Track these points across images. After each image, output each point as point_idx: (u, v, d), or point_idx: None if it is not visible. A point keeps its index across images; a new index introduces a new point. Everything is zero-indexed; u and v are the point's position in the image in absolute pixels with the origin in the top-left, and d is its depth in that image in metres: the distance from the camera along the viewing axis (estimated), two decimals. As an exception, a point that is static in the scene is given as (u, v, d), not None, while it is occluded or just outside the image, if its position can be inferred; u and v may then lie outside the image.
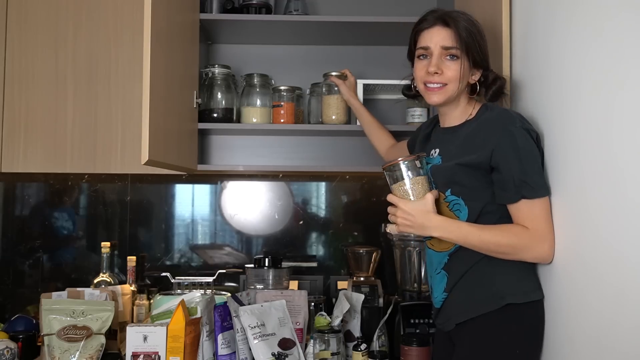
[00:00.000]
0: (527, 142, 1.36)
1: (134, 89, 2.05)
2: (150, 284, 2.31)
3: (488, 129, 1.40)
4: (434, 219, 1.37)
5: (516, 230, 1.35)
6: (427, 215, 1.37)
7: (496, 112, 1.43)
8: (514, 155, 1.34)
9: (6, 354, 1.78)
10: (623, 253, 1.07)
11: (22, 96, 2.07)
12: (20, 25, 2.08)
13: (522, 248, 1.34)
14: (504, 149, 1.35)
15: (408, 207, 1.38)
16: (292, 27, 2.17)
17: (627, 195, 1.06)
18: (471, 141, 1.43)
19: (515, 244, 1.34)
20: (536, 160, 1.36)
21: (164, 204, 2.40)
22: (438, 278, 1.49)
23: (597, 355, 1.16)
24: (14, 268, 2.34)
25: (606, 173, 1.13)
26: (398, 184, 1.42)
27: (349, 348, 1.88)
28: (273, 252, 2.35)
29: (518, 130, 1.36)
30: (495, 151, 1.36)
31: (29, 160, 2.06)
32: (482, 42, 1.47)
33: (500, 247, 1.35)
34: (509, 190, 1.35)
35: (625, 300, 1.07)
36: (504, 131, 1.36)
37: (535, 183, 1.34)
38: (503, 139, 1.36)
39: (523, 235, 1.34)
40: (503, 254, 1.37)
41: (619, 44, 1.09)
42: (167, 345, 1.72)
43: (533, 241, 1.34)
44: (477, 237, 1.36)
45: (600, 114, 1.15)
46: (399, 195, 1.41)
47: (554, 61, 1.37)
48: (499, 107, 1.47)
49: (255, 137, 2.35)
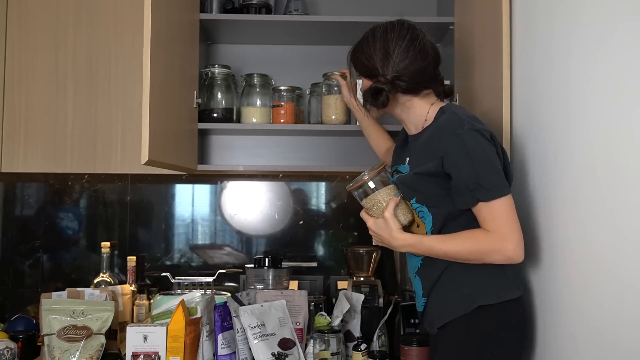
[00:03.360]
0: (478, 143, 1.34)
1: (134, 89, 2.05)
2: (150, 284, 2.31)
3: (439, 136, 1.40)
4: (398, 237, 1.41)
5: (477, 235, 1.34)
6: (390, 233, 1.41)
7: (446, 117, 1.42)
8: (464, 159, 1.33)
9: (6, 354, 1.78)
10: (624, 252, 1.07)
11: (22, 96, 2.07)
12: (20, 25, 2.08)
13: (487, 252, 1.33)
14: (453, 154, 1.34)
15: (373, 227, 1.44)
16: (292, 27, 2.17)
17: (629, 195, 1.06)
18: (427, 148, 1.43)
19: (478, 249, 1.34)
20: (489, 160, 1.34)
21: (164, 204, 2.40)
22: (415, 282, 1.52)
23: (598, 354, 1.16)
24: (14, 268, 2.34)
25: (609, 172, 1.13)
26: (365, 200, 1.47)
27: (349, 348, 1.88)
28: (273, 252, 2.35)
29: (467, 132, 1.34)
30: (446, 157, 1.35)
31: (29, 160, 2.06)
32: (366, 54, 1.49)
33: (465, 254, 1.36)
34: (464, 194, 1.35)
35: (626, 297, 1.07)
36: (452, 136, 1.36)
37: (490, 184, 1.32)
38: (451, 144, 1.35)
39: (484, 239, 1.33)
40: (471, 260, 1.37)
41: (620, 44, 1.09)
42: (167, 345, 1.72)
43: (496, 243, 1.32)
44: (439, 249, 1.38)
45: (602, 113, 1.15)
46: (368, 212, 1.46)
47: (554, 61, 1.37)
48: (452, 109, 1.45)
49: (255, 137, 2.35)
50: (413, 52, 1.44)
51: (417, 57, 1.45)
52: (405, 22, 1.49)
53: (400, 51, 1.44)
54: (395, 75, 1.44)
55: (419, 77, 1.46)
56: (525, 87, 1.54)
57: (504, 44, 1.60)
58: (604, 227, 1.14)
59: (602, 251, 1.14)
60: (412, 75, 1.45)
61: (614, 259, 1.10)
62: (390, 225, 1.41)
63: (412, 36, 1.46)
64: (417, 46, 1.45)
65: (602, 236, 1.14)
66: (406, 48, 1.44)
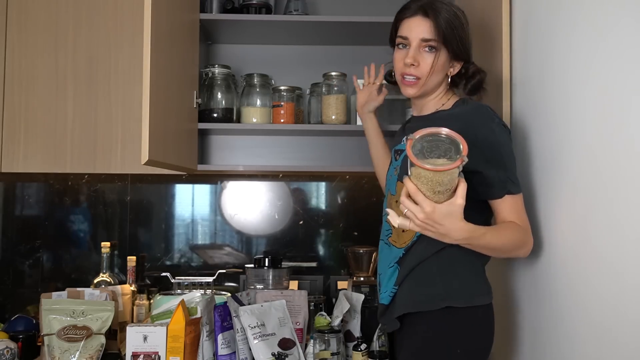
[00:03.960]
0: (507, 138, 1.37)
1: (134, 89, 2.05)
2: (150, 284, 2.31)
3: (466, 123, 1.36)
4: (465, 227, 1.22)
5: (517, 227, 1.34)
6: (457, 224, 1.20)
7: (473, 107, 1.42)
8: (498, 152, 1.35)
9: (6, 354, 1.78)
10: (625, 249, 1.07)
11: (22, 96, 2.07)
12: (20, 26, 2.08)
13: (522, 244, 1.35)
14: (487, 146, 1.34)
15: (435, 214, 1.18)
16: (292, 27, 2.17)
17: (629, 192, 1.06)
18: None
19: (519, 240, 1.34)
20: (513, 157, 1.39)
21: (164, 204, 2.40)
22: (389, 272, 1.46)
23: (599, 352, 1.16)
24: (14, 268, 2.34)
25: (609, 170, 1.13)
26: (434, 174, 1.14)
27: (349, 348, 1.88)
28: (273, 252, 2.35)
29: (498, 126, 1.36)
30: (475, 148, 1.29)
31: (29, 160, 2.06)
32: (463, 34, 1.45)
33: (512, 245, 1.34)
34: (495, 186, 1.35)
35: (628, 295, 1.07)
36: (484, 127, 1.36)
37: (516, 179, 1.36)
38: (486, 135, 1.35)
39: (522, 231, 1.34)
40: (506, 253, 1.37)
41: (619, 43, 1.09)
42: (167, 345, 1.72)
43: (527, 235, 1.35)
44: (497, 241, 1.31)
45: (601, 112, 1.15)
46: (425, 189, 1.17)
47: (554, 61, 1.37)
48: (475, 101, 1.46)
49: (255, 137, 2.35)
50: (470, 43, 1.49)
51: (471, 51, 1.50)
52: None
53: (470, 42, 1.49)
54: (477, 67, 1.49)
55: None
56: (525, 87, 1.54)
57: (504, 43, 1.60)
58: (605, 225, 1.14)
59: (603, 248, 1.14)
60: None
61: (615, 256, 1.10)
62: (460, 214, 1.19)
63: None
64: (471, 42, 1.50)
65: (602, 233, 1.14)
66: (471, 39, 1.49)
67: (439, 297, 1.37)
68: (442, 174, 1.13)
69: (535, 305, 1.48)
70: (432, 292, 1.38)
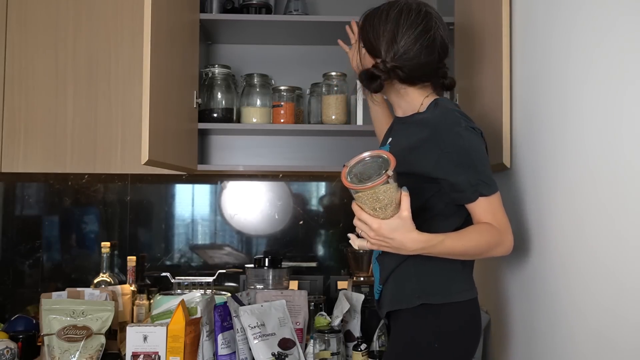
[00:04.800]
0: (477, 141, 1.35)
1: (134, 89, 2.05)
2: (150, 284, 2.31)
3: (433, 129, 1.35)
4: (419, 238, 1.24)
5: (487, 229, 1.31)
6: (408, 235, 1.24)
7: (440, 112, 1.39)
8: (466, 157, 1.32)
9: (6, 354, 1.78)
10: (623, 251, 1.07)
11: (22, 96, 2.07)
12: (20, 25, 2.08)
13: (495, 244, 1.31)
14: (453, 152, 1.32)
15: (384, 230, 1.23)
16: (292, 27, 2.17)
17: (628, 194, 1.06)
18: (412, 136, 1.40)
19: (491, 241, 1.31)
20: (486, 157, 1.36)
21: (164, 204, 2.40)
22: (374, 267, 1.51)
23: (598, 354, 1.16)
24: (14, 268, 2.34)
25: (608, 171, 1.13)
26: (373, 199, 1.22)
27: (349, 348, 1.88)
28: (273, 252, 2.35)
29: (465, 130, 1.33)
30: (443, 155, 1.32)
31: (29, 160, 2.06)
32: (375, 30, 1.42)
33: (481, 248, 1.32)
34: (466, 190, 1.32)
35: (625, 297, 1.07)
36: (450, 132, 1.33)
37: (489, 179, 1.33)
38: (452, 140, 1.33)
39: (494, 231, 1.31)
40: (481, 256, 1.35)
41: (619, 43, 1.09)
42: (167, 345, 1.72)
43: (502, 235, 1.31)
44: (461, 246, 1.29)
45: (602, 113, 1.15)
46: (368, 208, 1.24)
47: (554, 61, 1.37)
48: (445, 105, 1.41)
49: (255, 137, 2.35)
50: (420, 45, 1.39)
51: (423, 51, 1.39)
52: (423, 10, 1.42)
53: (407, 41, 1.39)
54: (395, 65, 1.40)
55: (419, 70, 1.42)
56: (525, 87, 1.54)
57: (504, 44, 1.60)
58: (603, 226, 1.14)
59: (601, 250, 1.14)
60: (412, 68, 1.40)
61: (612, 258, 1.10)
62: (409, 225, 1.23)
63: (425, 28, 1.40)
64: (426, 40, 1.39)
65: (600, 235, 1.14)
66: (414, 39, 1.39)
67: (414, 295, 1.38)
68: (376, 191, 1.20)
69: (530, 308, 1.48)
70: (409, 291, 1.40)
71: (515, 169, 1.59)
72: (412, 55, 1.39)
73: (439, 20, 1.44)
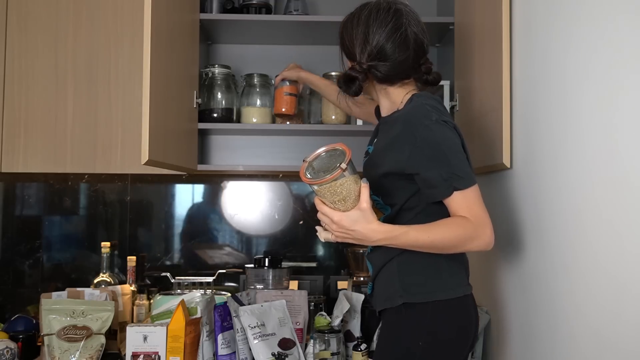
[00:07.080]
0: (449, 133, 1.33)
1: (134, 89, 2.05)
2: (150, 284, 2.31)
3: (405, 124, 1.36)
4: (380, 229, 1.27)
5: (460, 222, 1.29)
6: (368, 227, 1.27)
7: (412, 107, 1.38)
8: (437, 151, 1.31)
9: (6, 354, 1.78)
10: (622, 251, 1.07)
11: (22, 96, 2.07)
12: (20, 25, 2.08)
13: (469, 238, 1.29)
14: (424, 146, 1.31)
15: (345, 221, 1.26)
16: (292, 27, 2.17)
17: (627, 194, 1.06)
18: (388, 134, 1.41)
19: (463, 234, 1.29)
20: (460, 150, 1.34)
21: (164, 204, 2.40)
22: (368, 265, 1.52)
23: (598, 355, 1.16)
24: (14, 268, 2.34)
25: (608, 171, 1.13)
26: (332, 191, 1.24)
27: (349, 348, 1.88)
28: (273, 252, 2.35)
29: (435, 123, 1.32)
30: (414, 151, 1.32)
31: (29, 160, 2.06)
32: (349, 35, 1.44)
33: (451, 243, 1.30)
34: (439, 185, 1.30)
35: (625, 297, 1.07)
36: (421, 126, 1.32)
37: (464, 173, 1.30)
38: (423, 134, 1.32)
39: (467, 225, 1.29)
40: (454, 250, 1.33)
41: (621, 44, 1.09)
42: (167, 345, 1.72)
43: (477, 229, 1.29)
44: (426, 238, 1.29)
45: (602, 113, 1.15)
46: (328, 201, 1.27)
47: (554, 61, 1.37)
48: (419, 99, 1.40)
49: (255, 137, 2.35)
50: (392, 43, 1.40)
51: (396, 49, 1.40)
52: (393, 7, 1.42)
53: (379, 40, 1.40)
54: (370, 64, 1.41)
55: (396, 68, 1.42)
56: (525, 87, 1.54)
57: (504, 44, 1.60)
58: (602, 225, 1.14)
59: (601, 250, 1.14)
60: (388, 67, 1.41)
61: (612, 258, 1.11)
62: (370, 217, 1.26)
63: (395, 25, 1.40)
64: (398, 37, 1.40)
65: (600, 234, 1.15)
66: (386, 38, 1.40)
67: (397, 294, 1.39)
68: (333, 185, 1.22)
69: (530, 308, 1.48)
70: (393, 290, 1.40)
71: (515, 169, 1.59)
72: (387, 53, 1.40)
73: (410, 16, 1.44)
